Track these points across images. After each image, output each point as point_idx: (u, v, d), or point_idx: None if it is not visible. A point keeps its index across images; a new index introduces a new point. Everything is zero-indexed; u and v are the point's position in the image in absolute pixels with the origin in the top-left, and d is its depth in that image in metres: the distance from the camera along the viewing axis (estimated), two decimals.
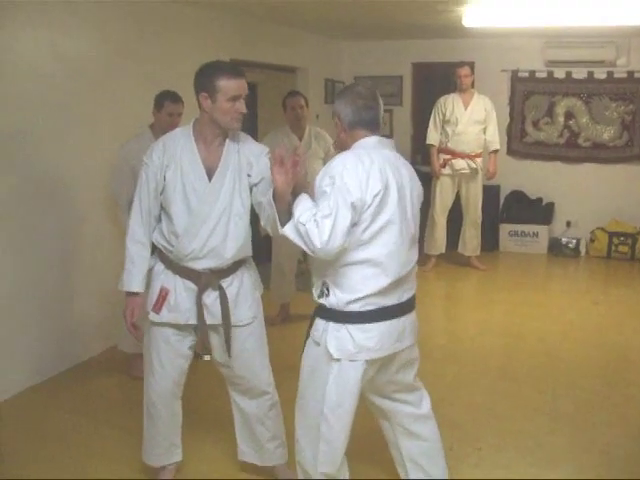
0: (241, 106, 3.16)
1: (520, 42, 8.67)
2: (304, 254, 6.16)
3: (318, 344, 2.90)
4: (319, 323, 2.91)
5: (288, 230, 2.77)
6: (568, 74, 8.84)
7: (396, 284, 2.86)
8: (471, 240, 8.09)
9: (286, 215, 2.84)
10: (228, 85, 3.09)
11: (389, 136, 3.54)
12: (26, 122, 4.73)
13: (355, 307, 2.81)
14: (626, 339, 5.90)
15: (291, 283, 6.25)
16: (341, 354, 2.82)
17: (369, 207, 2.72)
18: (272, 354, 3.53)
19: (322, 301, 2.88)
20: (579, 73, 8.80)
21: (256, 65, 7.53)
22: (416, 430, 3.23)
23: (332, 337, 2.84)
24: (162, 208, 3.32)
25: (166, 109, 4.85)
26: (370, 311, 2.83)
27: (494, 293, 7.36)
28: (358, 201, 2.69)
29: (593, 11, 6.19)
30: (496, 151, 7.84)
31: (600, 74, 8.72)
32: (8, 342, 4.69)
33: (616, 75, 8.68)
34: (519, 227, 9.04)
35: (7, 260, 4.68)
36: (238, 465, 3.75)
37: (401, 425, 3.23)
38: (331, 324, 2.85)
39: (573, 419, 4.38)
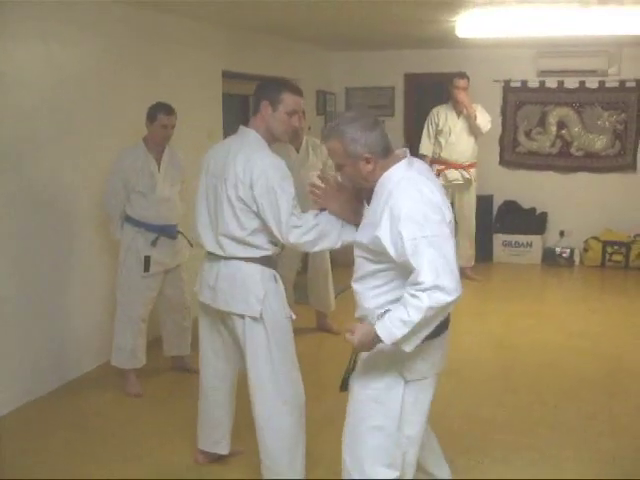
0: (295, 120, 3.42)
1: (512, 52, 8.65)
2: (304, 265, 6.11)
3: (384, 369, 2.75)
4: (381, 347, 2.65)
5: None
6: (560, 84, 8.84)
7: None
8: (465, 251, 8.04)
9: None
10: (290, 99, 3.37)
11: None
12: (23, 133, 4.67)
13: None
14: (624, 348, 5.86)
15: (289, 295, 6.17)
16: (415, 375, 2.73)
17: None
18: None
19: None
20: (571, 83, 8.80)
21: (248, 77, 7.48)
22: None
23: (408, 358, 2.67)
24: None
25: (159, 121, 4.81)
26: (442, 322, 2.67)
27: (490, 304, 7.31)
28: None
29: (584, 21, 6.17)
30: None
31: (592, 83, 8.73)
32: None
33: (608, 84, 8.68)
34: (513, 237, 9.01)
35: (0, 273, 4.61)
36: None
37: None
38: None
39: (576, 431, 4.34)
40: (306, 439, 4.00)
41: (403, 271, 2.60)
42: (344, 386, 2.88)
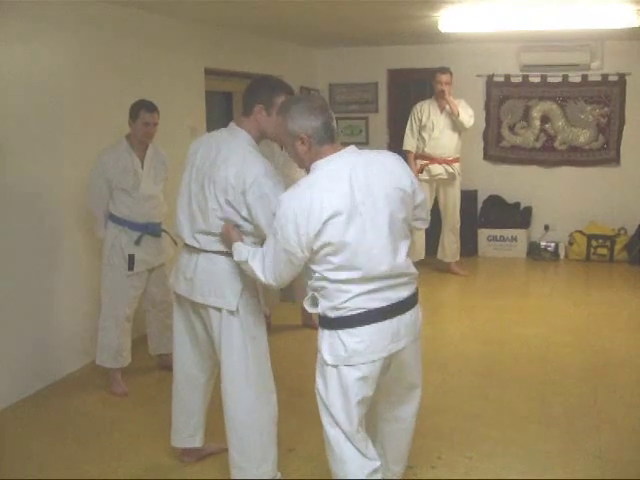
0: None
1: (495, 47, 8.67)
2: None
3: (319, 351, 2.92)
4: (319, 332, 2.94)
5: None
6: (543, 78, 8.85)
7: (377, 287, 2.82)
8: (450, 246, 8.07)
9: None
10: None
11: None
12: (4, 134, 4.62)
13: (342, 312, 2.80)
14: (609, 342, 5.87)
15: (275, 293, 6.17)
16: (335, 360, 2.83)
17: (312, 244, 2.73)
18: None
19: (315, 310, 2.88)
20: (554, 77, 8.81)
21: (230, 74, 7.46)
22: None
23: (326, 344, 2.86)
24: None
25: (142, 119, 4.79)
26: (357, 315, 2.81)
27: (475, 299, 7.33)
28: (297, 246, 2.73)
29: (566, 15, 6.19)
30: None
31: (575, 77, 8.75)
32: None
33: (590, 78, 8.71)
34: (497, 232, 9.01)
35: None
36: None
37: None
38: (325, 331, 2.87)
39: (563, 425, 4.34)
40: (291, 435, 4.02)
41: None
42: None
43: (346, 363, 2.82)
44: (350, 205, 2.73)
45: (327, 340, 2.85)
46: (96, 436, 4.31)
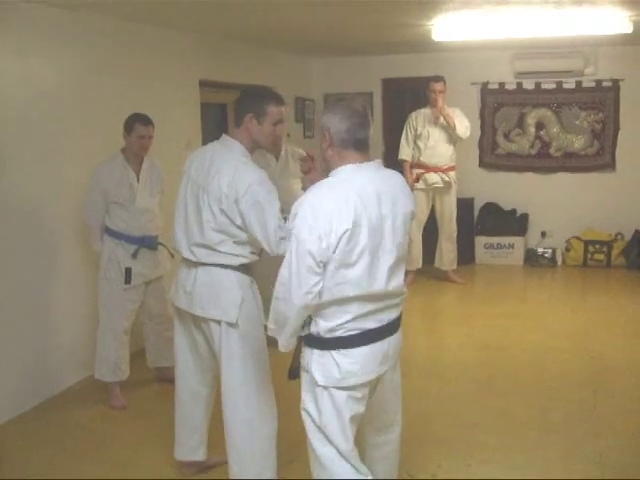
0: (280, 129, 3.41)
1: (489, 55, 8.70)
2: None
3: (306, 371, 2.84)
4: (305, 350, 2.85)
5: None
6: (537, 85, 8.89)
7: (375, 308, 2.80)
8: (447, 254, 8.07)
9: None
10: (275, 110, 3.39)
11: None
12: (1, 147, 4.62)
13: (338, 333, 2.75)
14: (607, 347, 5.89)
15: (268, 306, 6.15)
16: (327, 381, 2.76)
17: (336, 247, 2.63)
18: None
19: (305, 330, 2.80)
20: (548, 83, 8.86)
21: (225, 85, 7.47)
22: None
23: (317, 364, 2.78)
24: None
25: (136, 132, 4.80)
26: (352, 336, 2.76)
27: (473, 306, 7.33)
28: (319, 250, 2.62)
29: (559, 21, 6.21)
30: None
31: (569, 84, 8.80)
32: None
33: (584, 84, 8.76)
34: (494, 239, 9.02)
35: None
36: None
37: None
38: (315, 351, 2.79)
39: (562, 431, 4.34)
40: (291, 447, 4.00)
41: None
42: (292, 374, 2.98)
43: (339, 385, 2.76)
44: (374, 218, 2.70)
45: (317, 360, 2.77)
46: (95, 449, 4.30)
